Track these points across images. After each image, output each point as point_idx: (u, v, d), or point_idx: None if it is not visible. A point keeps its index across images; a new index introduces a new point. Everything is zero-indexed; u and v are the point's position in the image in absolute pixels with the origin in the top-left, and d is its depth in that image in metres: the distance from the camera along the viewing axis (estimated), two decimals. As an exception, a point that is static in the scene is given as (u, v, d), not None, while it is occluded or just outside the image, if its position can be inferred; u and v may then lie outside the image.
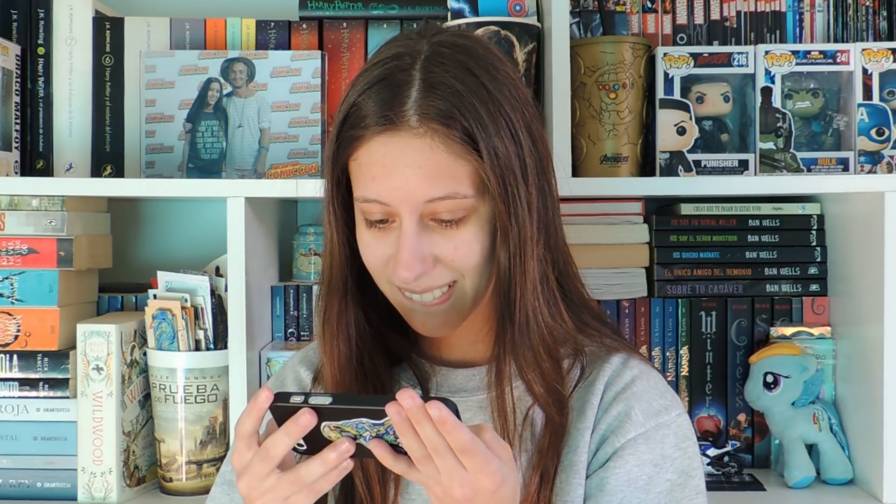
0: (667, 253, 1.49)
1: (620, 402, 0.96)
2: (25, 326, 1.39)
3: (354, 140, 0.91)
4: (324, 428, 0.82)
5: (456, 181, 0.89)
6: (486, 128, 0.88)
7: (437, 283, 0.92)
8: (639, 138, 1.46)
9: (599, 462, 0.95)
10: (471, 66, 0.91)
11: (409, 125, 0.88)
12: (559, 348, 0.95)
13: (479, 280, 0.93)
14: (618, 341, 1.01)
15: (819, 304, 1.49)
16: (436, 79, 0.89)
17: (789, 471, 1.41)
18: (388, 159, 0.89)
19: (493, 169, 0.88)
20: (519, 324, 0.92)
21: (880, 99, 1.45)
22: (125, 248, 1.68)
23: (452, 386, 1.00)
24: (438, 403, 0.77)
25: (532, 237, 0.91)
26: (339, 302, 0.97)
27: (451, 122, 0.87)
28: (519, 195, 0.90)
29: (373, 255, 0.93)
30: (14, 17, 1.50)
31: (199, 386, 1.38)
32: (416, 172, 0.88)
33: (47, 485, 1.40)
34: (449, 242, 0.91)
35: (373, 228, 0.93)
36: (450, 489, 0.80)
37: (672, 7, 1.56)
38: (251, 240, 1.37)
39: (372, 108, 0.89)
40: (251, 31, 1.51)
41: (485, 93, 0.89)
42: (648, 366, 1.00)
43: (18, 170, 1.49)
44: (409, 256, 0.89)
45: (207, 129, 1.46)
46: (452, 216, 0.90)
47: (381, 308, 1.00)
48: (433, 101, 0.88)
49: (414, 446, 0.79)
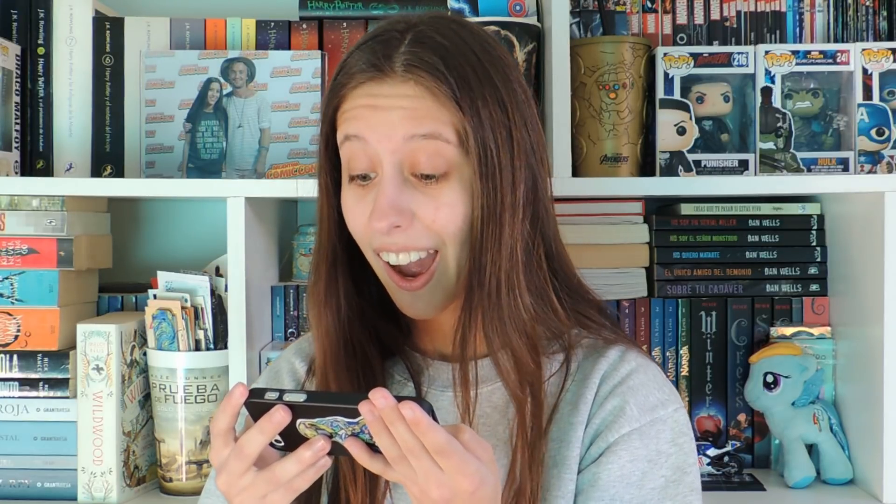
0: (667, 253, 1.49)
1: (616, 397, 0.94)
2: (25, 326, 1.39)
3: (341, 88, 0.92)
4: (299, 425, 0.81)
5: (439, 124, 0.89)
6: (470, 86, 0.89)
7: (415, 243, 0.91)
8: (639, 138, 1.46)
9: (592, 457, 0.93)
10: (462, 34, 0.92)
11: (395, 72, 0.89)
12: (536, 327, 0.93)
13: (461, 250, 0.92)
14: (617, 334, 0.99)
15: (819, 304, 1.49)
16: (425, 36, 0.90)
17: (789, 471, 1.41)
18: (372, 100, 0.90)
19: (473, 127, 0.88)
20: (489, 290, 0.90)
21: (880, 99, 1.45)
22: (125, 248, 1.68)
23: (445, 380, 0.98)
24: (412, 404, 0.76)
25: (512, 207, 0.90)
26: (327, 269, 0.97)
27: (437, 73, 0.88)
28: (499, 160, 0.89)
29: (353, 215, 0.93)
30: (14, 17, 1.50)
31: (199, 386, 1.38)
32: (399, 112, 0.89)
33: (47, 485, 1.40)
34: (430, 202, 0.90)
35: (354, 184, 0.92)
36: (427, 490, 0.79)
37: (672, 7, 1.56)
38: (251, 240, 1.37)
39: (361, 60, 0.91)
40: (251, 31, 1.51)
41: (474, 57, 0.90)
42: (647, 359, 0.98)
43: (18, 170, 1.49)
44: (384, 203, 0.89)
45: (207, 129, 1.46)
46: (434, 169, 0.89)
47: (374, 298, 0.99)
48: (421, 53, 0.89)
49: (388, 446, 0.78)
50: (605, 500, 0.91)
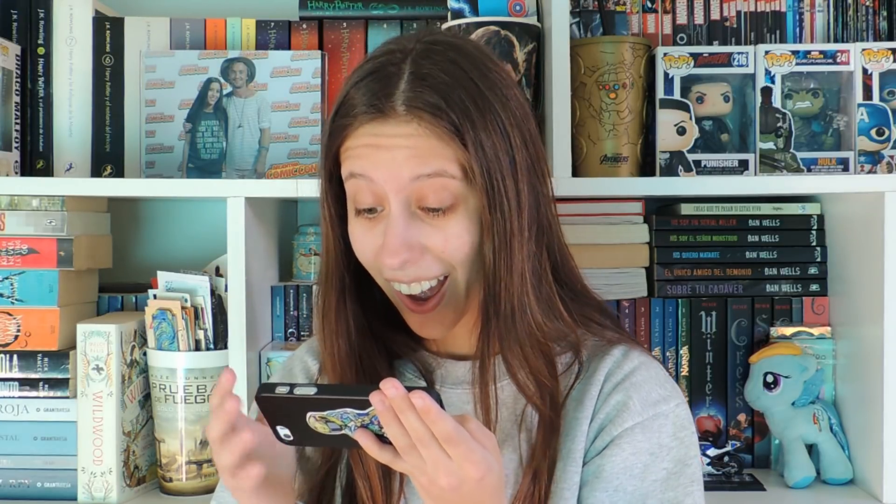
0: (667, 253, 1.49)
1: (619, 392, 0.96)
2: (25, 326, 1.39)
3: (344, 129, 0.92)
4: (309, 419, 0.82)
5: (444, 161, 0.89)
6: (472, 121, 0.89)
7: (426, 274, 0.92)
8: (639, 138, 1.46)
9: (596, 450, 0.96)
10: (460, 62, 0.91)
11: (397, 113, 0.89)
12: (551, 345, 0.95)
13: (471, 273, 0.94)
14: (620, 334, 1.01)
15: (819, 304, 1.49)
16: (424, 72, 0.90)
17: (789, 471, 1.41)
18: (375, 140, 0.90)
19: (479, 161, 0.89)
20: (504, 316, 0.92)
21: (880, 99, 1.45)
22: (125, 248, 1.68)
23: (456, 378, 1.01)
24: (422, 393, 0.77)
25: (520, 232, 0.91)
26: (336, 299, 0.98)
27: (439, 112, 0.88)
28: (505, 190, 0.90)
29: (363, 247, 0.94)
30: (14, 17, 1.50)
31: (199, 386, 1.38)
32: (404, 152, 0.89)
33: (47, 485, 1.40)
34: (439, 233, 0.91)
35: (361, 217, 0.93)
36: (435, 479, 0.80)
37: (672, 7, 1.56)
38: (251, 240, 1.37)
39: (361, 99, 0.91)
40: (251, 31, 1.51)
41: (473, 87, 0.90)
42: (649, 357, 1.01)
43: (18, 170, 1.49)
44: (395, 241, 0.90)
45: (207, 129, 1.46)
46: (440, 203, 0.90)
47: (381, 308, 1.00)
48: (421, 92, 0.89)
49: (398, 436, 0.79)
50: (609, 491, 0.93)
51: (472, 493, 0.81)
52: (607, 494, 0.93)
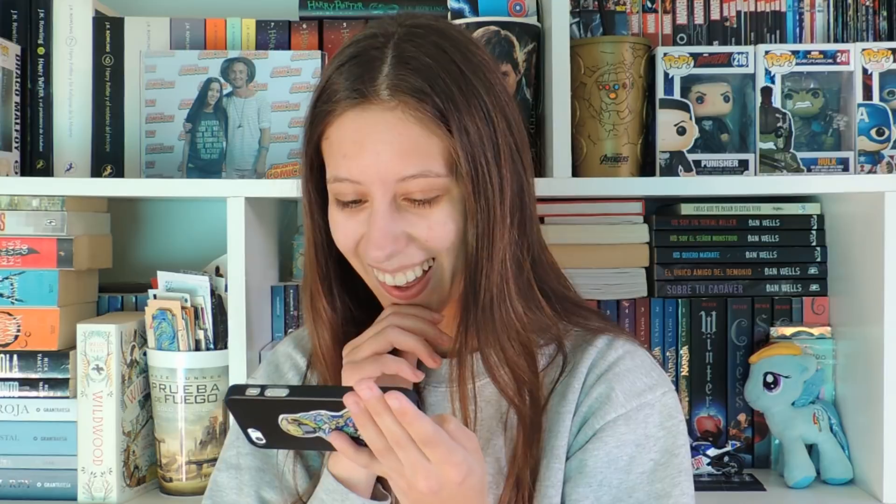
0: (667, 253, 1.49)
1: (602, 384, 0.94)
2: (25, 326, 1.39)
3: (326, 115, 0.91)
4: (282, 421, 0.80)
5: (428, 158, 0.88)
6: (457, 105, 0.88)
7: (410, 261, 0.91)
8: (639, 138, 1.46)
9: (579, 444, 0.94)
10: (444, 45, 0.91)
11: (381, 98, 0.88)
12: (532, 337, 0.93)
13: (456, 261, 0.92)
14: (604, 323, 1.00)
15: (819, 304, 1.49)
16: (408, 55, 0.89)
17: (789, 471, 1.41)
18: (359, 135, 0.88)
19: (464, 147, 0.88)
20: (483, 305, 0.90)
21: (880, 99, 1.45)
22: (125, 248, 1.68)
23: (438, 377, 0.99)
24: (398, 394, 0.75)
25: (502, 219, 0.90)
26: (321, 288, 0.97)
27: (423, 97, 0.87)
28: (489, 176, 0.89)
29: (343, 235, 0.93)
30: (14, 17, 1.50)
31: (199, 386, 1.38)
32: (388, 149, 0.87)
33: (47, 485, 1.40)
34: (423, 222, 0.90)
35: (345, 209, 0.92)
36: (414, 482, 0.78)
37: (672, 7, 1.56)
38: (251, 240, 1.37)
39: (343, 84, 0.89)
40: (251, 31, 1.51)
41: (457, 71, 0.89)
42: (636, 345, 0.98)
43: (18, 170, 1.49)
44: (381, 235, 0.89)
45: (207, 129, 1.46)
46: (425, 196, 0.89)
47: (367, 299, 0.99)
48: (405, 76, 0.88)
49: (374, 438, 0.78)
50: (593, 486, 0.91)
51: (452, 496, 0.79)
52: (591, 489, 0.91)
